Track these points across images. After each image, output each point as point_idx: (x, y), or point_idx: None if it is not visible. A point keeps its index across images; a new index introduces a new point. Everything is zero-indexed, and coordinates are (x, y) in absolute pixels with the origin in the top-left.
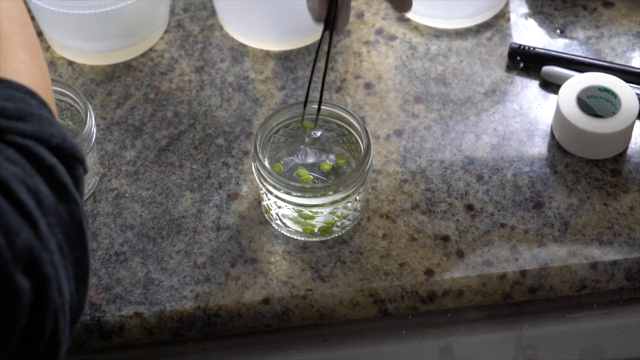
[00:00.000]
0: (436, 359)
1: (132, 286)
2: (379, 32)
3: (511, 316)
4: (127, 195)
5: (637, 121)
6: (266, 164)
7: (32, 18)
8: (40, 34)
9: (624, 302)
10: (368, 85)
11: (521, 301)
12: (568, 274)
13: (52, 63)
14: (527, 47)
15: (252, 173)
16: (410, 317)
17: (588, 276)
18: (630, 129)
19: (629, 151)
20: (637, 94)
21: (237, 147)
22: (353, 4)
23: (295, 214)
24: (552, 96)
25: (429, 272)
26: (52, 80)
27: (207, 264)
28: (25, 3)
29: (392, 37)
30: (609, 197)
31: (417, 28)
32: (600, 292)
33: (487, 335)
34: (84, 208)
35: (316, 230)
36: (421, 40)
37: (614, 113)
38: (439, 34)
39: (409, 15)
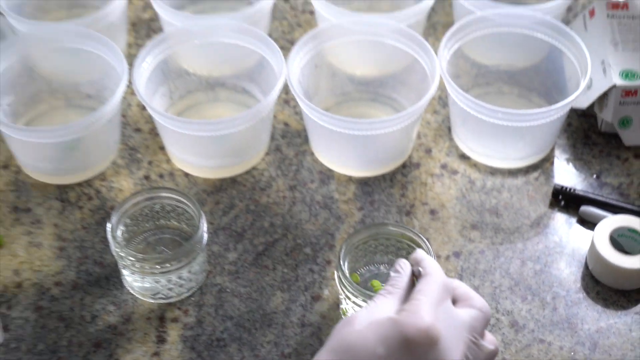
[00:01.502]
0: None
1: None
2: (444, 166)
3: None
4: (228, 290)
5: None
6: (347, 275)
7: (157, 134)
8: (162, 148)
9: None
10: (433, 212)
11: None
12: None
13: (172, 174)
14: (568, 189)
15: (334, 280)
16: None
17: None
18: None
19: None
20: None
21: (321, 256)
22: (423, 140)
23: None
24: (588, 232)
25: None
26: (171, 189)
27: (292, 355)
28: (153, 121)
29: (455, 172)
30: (633, 323)
31: (475, 165)
32: None
33: None
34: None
35: None
36: (479, 176)
37: (639, 250)
38: (494, 171)
39: (469, 153)
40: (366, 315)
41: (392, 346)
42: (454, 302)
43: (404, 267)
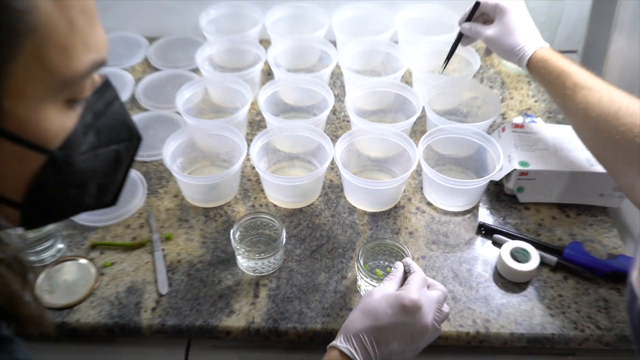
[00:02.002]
0: None
1: (292, 314)
2: (417, 208)
3: (470, 353)
4: (294, 270)
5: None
6: (362, 265)
7: (260, 182)
8: (262, 190)
9: (517, 350)
10: (410, 233)
11: (475, 346)
12: (499, 336)
13: (267, 205)
14: (486, 224)
15: (354, 268)
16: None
17: (508, 339)
18: (534, 270)
19: (532, 280)
20: (539, 253)
21: (347, 254)
22: (407, 193)
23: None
24: (497, 249)
25: None
26: (266, 213)
27: (329, 308)
28: (259, 175)
29: (423, 212)
30: (522, 301)
31: (435, 209)
32: (514, 347)
33: None
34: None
35: None
36: (437, 215)
37: (527, 261)
38: (446, 213)
39: (432, 202)
40: (379, 291)
41: (395, 309)
42: (428, 287)
43: (399, 266)
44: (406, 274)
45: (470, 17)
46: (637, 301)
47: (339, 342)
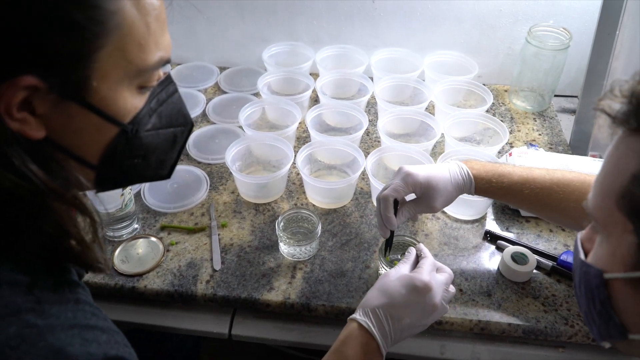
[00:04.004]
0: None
1: (323, 294)
2: (433, 215)
3: (472, 339)
4: (326, 258)
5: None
6: (383, 256)
7: (302, 185)
8: (304, 192)
9: (513, 340)
10: (426, 235)
11: (477, 333)
12: (498, 325)
13: (307, 204)
14: (492, 232)
15: (376, 259)
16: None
17: (506, 328)
18: (531, 271)
19: (529, 281)
20: (536, 258)
21: (371, 248)
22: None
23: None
24: (500, 253)
25: None
26: (306, 209)
27: (353, 291)
28: (302, 179)
29: (438, 218)
30: (518, 297)
31: (449, 217)
32: (511, 336)
33: (461, 345)
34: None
35: None
36: (449, 221)
37: (525, 263)
38: (457, 220)
39: (446, 211)
40: (394, 273)
41: (408, 289)
42: (437, 270)
43: (412, 251)
44: (418, 258)
45: (396, 212)
46: (579, 254)
47: (358, 315)
